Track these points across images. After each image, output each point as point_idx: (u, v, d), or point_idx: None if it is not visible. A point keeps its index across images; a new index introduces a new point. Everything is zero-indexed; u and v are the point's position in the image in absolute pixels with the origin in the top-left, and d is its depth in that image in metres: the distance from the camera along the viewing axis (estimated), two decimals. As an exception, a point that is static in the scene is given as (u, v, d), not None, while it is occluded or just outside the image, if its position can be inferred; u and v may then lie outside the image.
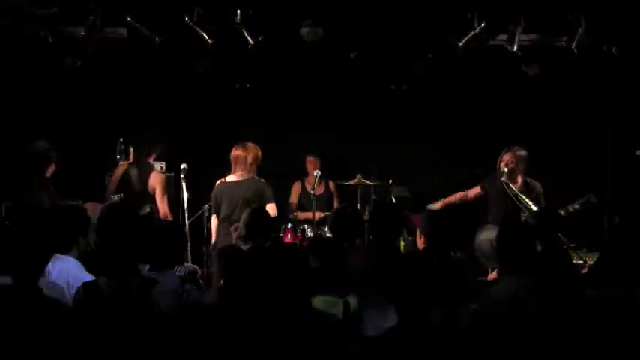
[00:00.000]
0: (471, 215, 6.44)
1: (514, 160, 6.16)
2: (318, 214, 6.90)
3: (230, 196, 5.93)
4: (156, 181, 5.98)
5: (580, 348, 3.08)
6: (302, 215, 7.38)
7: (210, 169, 6.41)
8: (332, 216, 4.78)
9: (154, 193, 5.93)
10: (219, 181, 6.08)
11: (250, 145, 6.07)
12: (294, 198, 7.60)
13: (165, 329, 3.16)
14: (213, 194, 6.04)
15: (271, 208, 5.79)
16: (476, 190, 6.47)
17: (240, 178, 5.99)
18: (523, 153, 6.24)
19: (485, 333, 3.45)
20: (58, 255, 3.76)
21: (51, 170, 5.83)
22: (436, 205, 6.39)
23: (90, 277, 3.56)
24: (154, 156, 6.24)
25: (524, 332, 3.29)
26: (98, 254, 3.67)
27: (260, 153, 6.07)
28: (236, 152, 6.04)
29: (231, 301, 3.37)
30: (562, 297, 3.13)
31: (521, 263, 3.62)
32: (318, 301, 3.28)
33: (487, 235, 4.78)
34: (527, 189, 6.17)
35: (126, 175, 6.06)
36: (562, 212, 5.74)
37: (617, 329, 3.29)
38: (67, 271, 3.69)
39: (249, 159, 5.99)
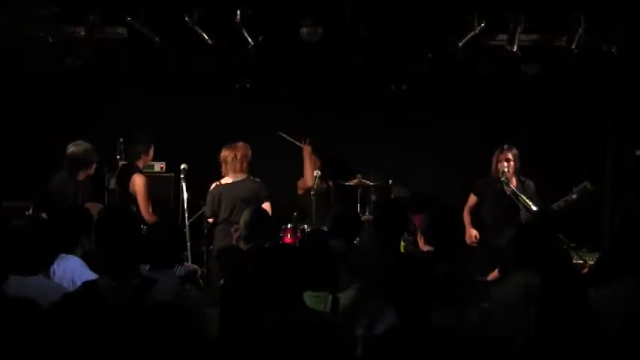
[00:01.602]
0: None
1: (511, 157, 6.17)
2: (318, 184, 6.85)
3: (228, 198, 5.92)
4: (135, 183, 5.82)
5: (583, 348, 3.08)
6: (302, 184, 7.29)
7: (210, 169, 6.41)
8: (330, 218, 4.77)
9: (136, 195, 5.80)
10: (214, 184, 6.07)
11: (239, 144, 6.06)
12: (301, 189, 7.51)
13: (163, 328, 3.15)
14: (209, 197, 6.02)
15: (267, 207, 5.80)
16: (472, 200, 6.48)
17: (236, 179, 5.99)
18: (516, 151, 6.25)
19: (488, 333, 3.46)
20: (62, 255, 3.78)
21: (85, 173, 5.78)
22: (470, 234, 6.40)
23: (94, 276, 3.57)
24: (143, 157, 6.09)
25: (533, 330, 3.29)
26: (97, 254, 3.67)
27: (249, 151, 6.06)
28: (224, 153, 6.06)
29: (231, 301, 3.37)
30: (565, 296, 3.13)
31: (534, 260, 3.65)
32: (306, 296, 3.28)
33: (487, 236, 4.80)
34: (522, 188, 6.17)
35: (118, 175, 6.12)
36: (562, 203, 5.75)
37: (617, 329, 3.30)
38: (71, 271, 3.70)
39: (238, 157, 6.00)
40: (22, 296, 2.97)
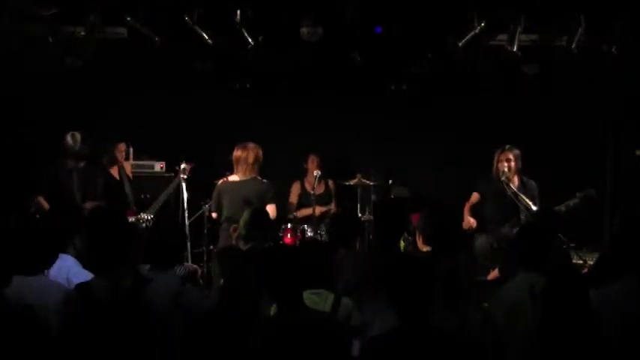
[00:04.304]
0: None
1: (512, 157, 6.17)
2: (319, 209, 6.89)
3: (232, 196, 5.92)
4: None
5: (583, 348, 3.08)
6: (302, 212, 7.36)
7: (211, 169, 6.41)
8: (329, 221, 4.78)
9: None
10: (221, 181, 6.07)
11: (251, 144, 6.07)
12: (293, 198, 7.59)
13: (159, 329, 3.15)
14: (215, 193, 6.03)
15: (272, 209, 5.78)
16: (475, 197, 6.46)
17: (243, 178, 5.99)
18: (518, 151, 6.25)
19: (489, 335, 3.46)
20: None
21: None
22: (468, 221, 6.35)
23: (89, 274, 3.57)
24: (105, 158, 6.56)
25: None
26: (89, 254, 3.68)
27: (261, 152, 6.07)
28: (237, 152, 6.04)
29: (231, 301, 3.37)
30: (566, 296, 3.13)
31: (536, 261, 3.65)
32: (307, 295, 3.28)
33: (486, 236, 4.80)
34: (524, 188, 6.17)
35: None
36: (562, 207, 5.74)
37: (617, 329, 3.30)
38: (66, 269, 3.70)
39: (250, 159, 5.99)
40: (20, 302, 2.96)
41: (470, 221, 6.30)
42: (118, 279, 3.10)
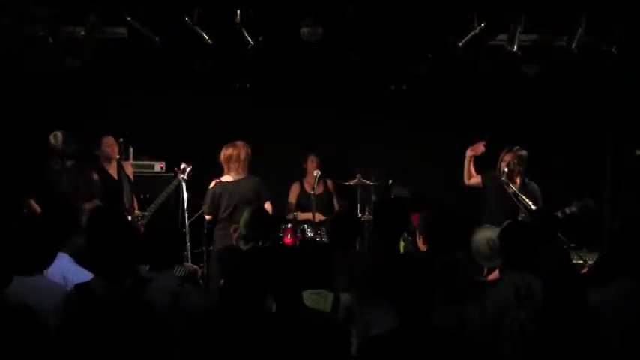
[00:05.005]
0: (468, 215, 6.45)
1: (516, 160, 6.17)
2: (318, 217, 6.88)
3: (229, 197, 5.93)
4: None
5: (582, 348, 3.08)
6: (302, 216, 7.37)
7: (210, 169, 6.41)
8: (329, 222, 4.77)
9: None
10: (215, 182, 6.07)
11: (239, 143, 6.09)
12: (292, 198, 7.59)
13: (159, 329, 3.15)
14: (210, 194, 6.03)
15: (267, 207, 5.82)
16: (476, 179, 6.46)
17: (237, 178, 6.00)
18: (524, 153, 6.25)
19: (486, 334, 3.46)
20: None
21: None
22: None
23: (85, 272, 3.57)
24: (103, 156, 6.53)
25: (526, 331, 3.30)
26: (89, 255, 3.67)
27: (250, 150, 6.09)
28: (227, 151, 6.05)
29: (231, 301, 3.37)
30: (565, 297, 3.13)
31: (523, 261, 3.66)
32: (306, 294, 3.29)
33: (484, 234, 4.79)
34: (525, 190, 6.18)
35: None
36: (559, 214, 5.74)
37: (616, 330, 3.30)
38: (65, 268, 3.70)
39: (242, 156, 6.02)
40: (20, 302, 2.96)
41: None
42: (118, 279, 3.10)
